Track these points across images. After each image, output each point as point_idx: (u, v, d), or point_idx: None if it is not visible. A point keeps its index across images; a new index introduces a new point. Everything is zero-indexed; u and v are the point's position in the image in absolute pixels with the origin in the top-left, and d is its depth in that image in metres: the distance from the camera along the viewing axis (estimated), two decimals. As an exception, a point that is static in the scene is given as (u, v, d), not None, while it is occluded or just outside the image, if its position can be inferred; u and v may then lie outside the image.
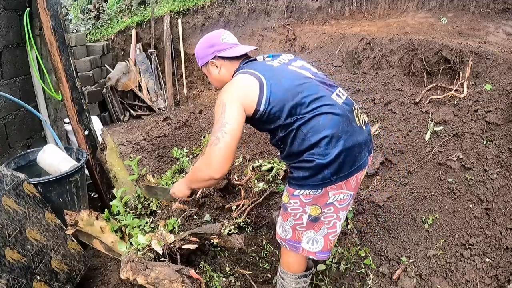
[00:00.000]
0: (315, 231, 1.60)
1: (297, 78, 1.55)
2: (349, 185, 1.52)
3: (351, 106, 1.58)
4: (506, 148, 2.38)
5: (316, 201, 1.54)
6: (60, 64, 2.60)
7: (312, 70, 1.66)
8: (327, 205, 1.54)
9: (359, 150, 1.51)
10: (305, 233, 1.61)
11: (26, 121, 2.96)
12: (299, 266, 1.80)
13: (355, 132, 1.51)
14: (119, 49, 6.88)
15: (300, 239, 1.63)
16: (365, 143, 1.55)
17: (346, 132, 1.47)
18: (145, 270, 1.67)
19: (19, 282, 1.65)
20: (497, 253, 2.08)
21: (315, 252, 1.63)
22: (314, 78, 1.59)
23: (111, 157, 2.66)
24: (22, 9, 2.76)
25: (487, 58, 3.01)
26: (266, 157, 3.20)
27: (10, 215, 1.79)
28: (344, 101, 1.57)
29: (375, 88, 3.31)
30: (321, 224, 1.58)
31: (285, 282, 1.84)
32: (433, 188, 2.41)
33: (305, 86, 1.51)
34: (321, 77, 1.63)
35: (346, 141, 1.46)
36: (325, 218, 1.57)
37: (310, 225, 1.59)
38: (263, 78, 1.49)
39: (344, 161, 1.46)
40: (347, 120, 1.50)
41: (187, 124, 5.22)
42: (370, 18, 5.60)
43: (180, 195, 1.75)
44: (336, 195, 1.52)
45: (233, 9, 6.59)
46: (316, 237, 1.61)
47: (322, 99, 1.49)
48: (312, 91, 1.50)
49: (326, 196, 1.52)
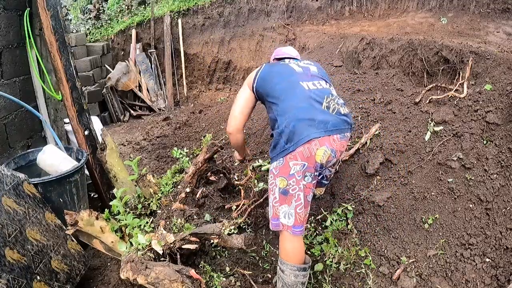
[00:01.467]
0: (287, 205, 1.82)
1: (285, 70, 1.99)
2: (302, 156, 1.76)
3: (323, 95, 1.88)
4: (506, 148, 2.38)
5: (281, 172, 1.81)
6: (60, 64, 2.60)
7: (308, 69, 2.03)
8: (290, 176, 1.79)
9: (310, 123, 1.77)
10: (280, 208, 1.83)
11: (26, 121, 2.96)
12: (296, 254, 1.86)
13: (313, 110, 1.80)
14: (119, 49, 6.88)
15: (278, 215, 1.85)
16: (323, 121, 1.78)
17: (299, 108, 1.80)
18: (145, 270, 1.67)
19: (19, 282, 1.65)
20: (497, 253, 2.08)
21: (291, 226, 1.82)
22: (299, 72, 1.98)
23: (111, 157, 2.66)
24: (22, 9, 2.76)
25: (487, 58, 3.01)
26: (266, 157, 3.20)
27: (10, 215, 1.79)
28: (315, 89, 1.90)
29: (375, 88, 3.31)
30: (290, 197, 1.80)
31: (285, 275, 1.87)
32: (433, 188, 2.41)
33: (285, 76, 1.95)
34: (308, 72, 2.00)
35: (296, 114, 1.78)
36: (292, 190, 1.79)
37: (282, 198, 1.82)
38: (264, 66, 2.06)
39: (293, 131, 1.76)
40: (306, 100, 1.83)
41: (187, 124, 5.22)
42: (370, 18, 5.60)
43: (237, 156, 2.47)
44: (295, 166, 1.77)
45: (233, 9, 6.59)
46: (290, 211, 1.82)
47: (290, 83, 1.90)
48: (286, 79, 1.92)
49: (288, 167, 1.79)
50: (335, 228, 2.40)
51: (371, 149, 2.73)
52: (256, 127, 3.72)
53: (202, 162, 2.66)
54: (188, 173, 2.64)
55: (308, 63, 2.11)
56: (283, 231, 1.85)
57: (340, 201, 2.56)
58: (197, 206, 2.53)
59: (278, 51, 2.30)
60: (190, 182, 2.62)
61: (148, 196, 2.52)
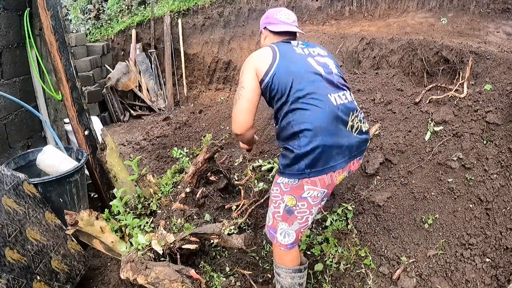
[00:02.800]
0: (288, 225, 1.72)
1: (306, 69, 1.67)
2: (323, 183, 1.63)
3: (349, 111, 1.66)
4: (506, 148, 2.38)
5: (293, 191, 1.66)
6: (60, 64, 2.60)
7: (329, 69, 1.76)
8: (302, 199, 1.66)
9: (338, 151, 1.59)
10: (280, 224, 1.73)
11: (26, 121, 2.96)
12: (291, 258, 1.83)
13: (340, 134, 1.60)
14: (119, 49, 6.88)
15: (276, 229, 1.76)
16: (348, 147, 1.62)
17: (328, 130, 1.56)
18: (145, 270, 1.67)
19: (19, 282, 1.65)
20: (497, 253, 2.08)
21: (287, 244, 1.75)
22: (323, 75, 1.69)
23: (111, 157, 2.66)
24: (22, 9, 2.76)
25: (487, 58, 3.01)
26: (266, 157, 3.20)
27: (10, 215, 1.79)
28: (342, 104, 1.65)
29: (375, 88, 3.31)
30: (294, 219, 1.70)
31: (281, 278, 1.86)
32: (433, 188, 2.41)
33: (307, 78, 1.63)
34: (332, 77, 1.72)
35: (325, 139, 1.55)
36: (298, 213, 1.69)
37: (285, 216, 1.71)
38: (278, 57, 1.67)
39: (319, 157, 1.56)
40: (335, 120, 1.59)
41: (187, 124, 5.22)
42: (370, 18, 5.60)
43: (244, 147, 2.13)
44: (311, 191, 1.63)
45: (233, 9, 6.58)
46: (289, 231, 1.73)
47: (315, 94, 1.60)
48: (310, 85, 1.62)
49: (302, 190, 1.64)
50: (335, 228, 2.40)
51: (371, 149, 2.73)
52: (256, 127, 3.72)
53: (202, 162, 2.66)
54: (188, 173, 2.64)
55: (321, 54, 1.81)
56: (276, 245, 1.81)
57: (340, 201, 2.56)
58: (197, 206, 2.52)
59: (271, 17, 1.89)
60: (190, 182, 2.62)
61: (148, 196, 2.52)
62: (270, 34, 1.90)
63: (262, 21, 1.96)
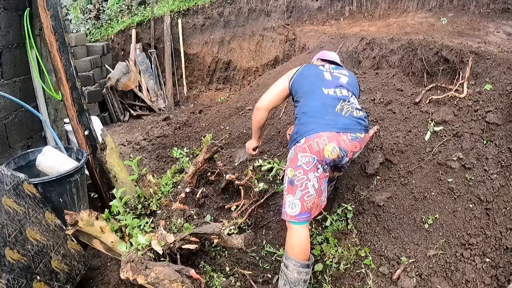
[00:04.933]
0: (292, 195, 1.93)
1: (314, 75, 2.16)
2: (311, 149, 1.89)
3: (339, 99, 2.03)
4: (506, 148, 2.38)
5: (291, 163, 1.96)
6: (60, 64, 2.60)
7: (338, 80, 2.16)
8: (298, 167, 1.91)
9: (321, 121, 1.92)
10: (287, 197, 1.95)
11: (26, 121, 2.96)
12: (302, 249, 1.91)
13: (327, 111, 1.96)
14: (119, 49, 6.88)
15: (285, 204, 1.96)
16: (333, 120, 1.92)
17: (317, 110, 1.96)
18: (145, 270, 1.67)
19: (19, 282, 1.65)
20: (497, 253, 2.08)
21: (295, 215, 1.91)
22: (326, 79, 2.13)
23: (111, 157, 2.66)
24: (22, 9, 2.76)
25: (487, 58, 3.00)
26: (266, 157, 3.20)
27: (10, 215, 1.79)
28: (333, 95, 2.04)
29: (375, 88, 3.31)
30: (295, 188, 1.91)
31: (288, 270, 1.90)
32: (433, 188, 2.41)
33: (311, 80, 2.12)
34: (336, 82, 2.13)
35: (313, 114, 1.96)
36: (298, 181, 1.91)
37: (289, 188, 1.95)
38: (302, 68, 2.23)
39: (305, 124, 1.94)
40: (324, 104, 1.99)
41: (187, 124, 5.22)
42: (370, 18, 5.60)
43: (250, 145, 2.51)
44: (303, 157, 1.90)
45: (233, 9, 6.59)
46: (294, 201, 1.92)
47: (313, 91, 2.06)
48: (311, 83, 2.10)
49: (296, 159, 1.93)
50: (335, 228, 2.40)
51: (371, 149, 2.73)
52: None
53: (202, 162, 2.66)
54: (188, 173, 2.64)
55: (343, 73, 2.23)
56: (288, 221, 1.94)
57: (340, 201, 2.56)
58: (197, 206, 2.53)
59: (323, 53, 2.51)
60: (190, 182, 2.62)
61: (148, 196, 2.52)
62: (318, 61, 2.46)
63: (315, 58, 2.55)
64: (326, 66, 2.29)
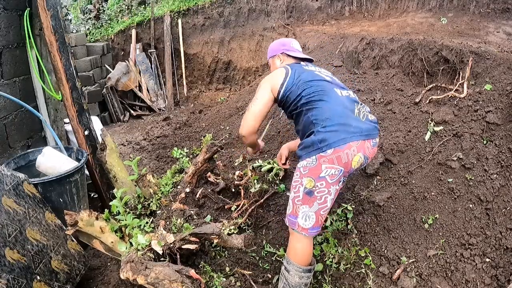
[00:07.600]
0: (308, 206, 1.80)
1: (313, 77, 1.98)
2: (340, 161, 1.75)
3: (353, 102, 1.93)
4: (506, 148, 2.38)
5: (311, 173, 1.79)
6: (60, 64, 2.60)
7: (332, 78, 2.08)
8: (320, 178, 1.77)
9: (348, 128, 1.79)
10: (301, 208, 1.82)
11: (26, 121, 2.96)
12: (305, 255, 1.87)
13: (349, 116, 1.83)
14: (119, 49, 6.88)
15: (297, 214, 1.84)
16: (358, 127, 1.81)
17: (339, 114, 1.81)
18: (145, 270, 1.67)
19: (19, 282, 1.65)
20: (497, 253, 2.08)
21: (308, 228, 1.82)
22: (327, 80, 1.99)
23: (111, 157, 2.66)
24: (22, 9, 2.76)
25: (487, 58, 3.00)
26: (266, 157, 3.20)
27: (10, 215, 1.79)
28: (347, 96, 1.94)
29: (375, 88, 3.31)
30: (314, 199, 1.79)
31: (289, 275, 1.88)
32: (433, 188, 2.41)
33: (315, 82, 1.94)
34: (336, 81, 2.05)
35: (337, 119, 1.79)
36: (318, 192, 1.78)
37: (305, 198, 1.81)
38: (290, 72, 1.99)
39: (331, 132, 1.76)
40: (343, 107, 1.85)
41: (187, 124, 5.22)
42: (370, 18, 5.60)
43: (250, 150, 2.40)
44: (329, 169, 1.76)
45: (233, 9, 6.58)
46: (309, 213, 1.81)
47: (324, 92, 1.89)
48: (318, 86, 1.92)
49: (319, 169, 1.77)
50: (335, 228, 2.40)
51: (371, 149, 2.73)
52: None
53: (202, 162, 2.66)
54: (188, 173, 2.64)
55: (325, 72, 2.12)
56: (296, 231, 1.85)
57: (340, 201, 2.56)
58: (197, 206, 2.52)
59: (288, 45, 2.26)
60: (190, 182, 2.62)
61: (148, 196, 2.52)
62: (287, 58, 2.24)
63: (277, 48, 2.28)
64: (310, 66, 2.13)
